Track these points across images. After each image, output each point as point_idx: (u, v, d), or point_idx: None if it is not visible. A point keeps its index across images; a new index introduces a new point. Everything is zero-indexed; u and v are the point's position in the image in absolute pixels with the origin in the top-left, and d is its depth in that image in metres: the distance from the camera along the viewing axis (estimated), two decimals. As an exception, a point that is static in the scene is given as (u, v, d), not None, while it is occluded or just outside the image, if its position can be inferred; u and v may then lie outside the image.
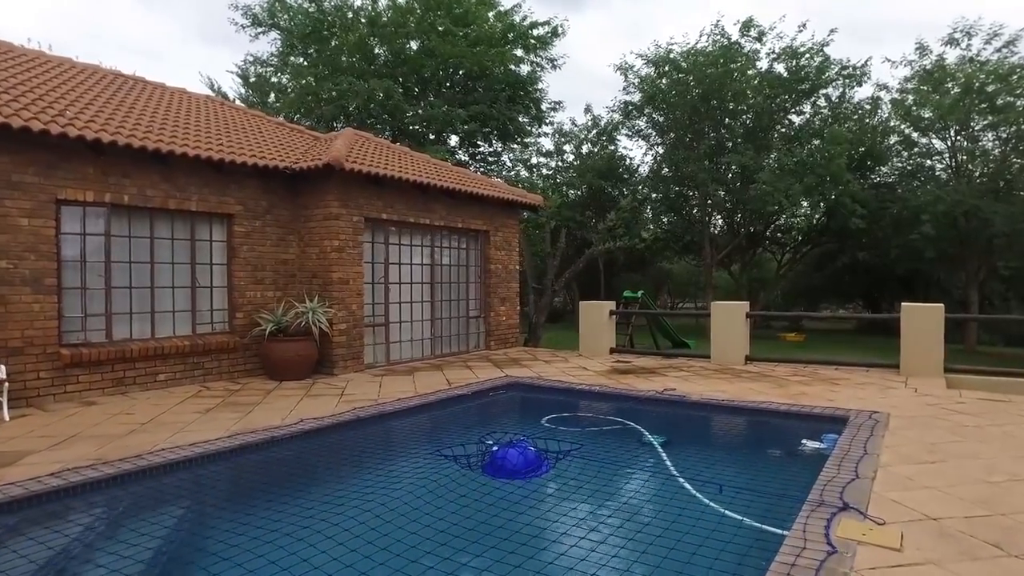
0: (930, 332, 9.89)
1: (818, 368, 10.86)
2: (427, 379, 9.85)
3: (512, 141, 25.95)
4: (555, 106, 25.14)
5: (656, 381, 9.55)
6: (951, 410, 7.36)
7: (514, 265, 14.68)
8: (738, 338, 11.47)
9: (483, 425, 7.42)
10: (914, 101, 23.46)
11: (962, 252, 24.13)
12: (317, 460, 6.16)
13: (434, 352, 12.65)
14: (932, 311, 9.97)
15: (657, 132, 27.73)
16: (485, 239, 13.89)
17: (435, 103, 21.53)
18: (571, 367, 11.17)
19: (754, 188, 22.66)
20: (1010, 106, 22.12)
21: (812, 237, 29.42)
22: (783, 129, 25.60)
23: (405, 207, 11.76)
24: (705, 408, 7.81)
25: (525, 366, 11.32)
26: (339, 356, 10.49)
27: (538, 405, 8.87)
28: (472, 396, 8.62)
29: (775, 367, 11.06)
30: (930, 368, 9.86)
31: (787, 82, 23.94)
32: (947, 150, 24.77)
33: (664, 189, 28.29)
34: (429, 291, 12.58)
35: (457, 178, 13.11)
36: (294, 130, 13.89)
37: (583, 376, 10.13)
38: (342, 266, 10.55)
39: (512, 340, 14.53)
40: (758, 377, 9.89)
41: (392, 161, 12.11)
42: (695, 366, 11.21)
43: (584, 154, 30.03)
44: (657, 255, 34.08)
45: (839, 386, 9.02)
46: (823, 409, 7.27)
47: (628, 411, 8.03)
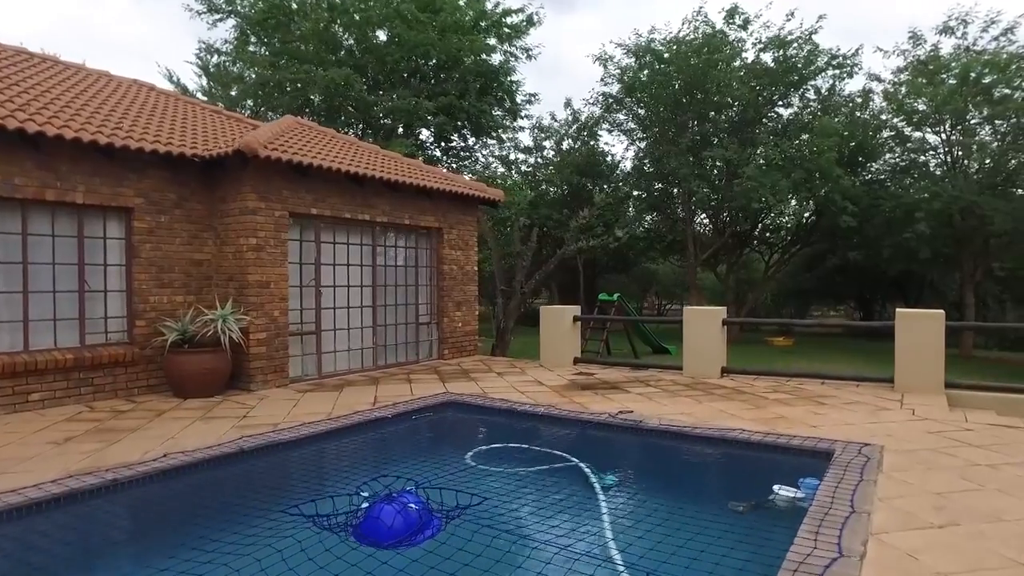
0: (929, 343, 8.66)
1: (803, 382, 9.61)
2: (354, 396, 8.56)
3: (486, 135, 24.64)
4: (530, 99, 23.88)
5: (616, 399, 8.29)
6: (957, 440, 6.11)
7: (472, 266, 13.40)
8: (714, 348, 10.21)
9: (390, 461, 6.13)
10: (907, 92, 22.24)
11: (958, 252, 22.98)
12: (147, 515, 4.85)
13: (377, 363, 11.35)
14: (931, 319, 8.74)
15: (639, 126, 26.48)
16: (438, 237, 12.60)
17: (402, 94, 20.22)
18: (525, 381, 9.89)
19: (738, 183, 21.41)
20: (1008, 98, 20.96)
21: (801, 236, 28.20)
22: (770, 123, 24.34)
23: (340, 201, 10.46)
24: (663, 437, 6.54)
25: (474, 379, 10.04)
26: (257, 369, 9.18)
27: (471, 431, 7.61)
28: (394, 419, 7.33)
29: (754, 381, 9.81)
30: (929, 384, 8.63)
31: (774, 73, 22.71)
32: (942, 144, 23.59)
33: (646, 186, 27.04)
34: (371, 295, 11.28)
35: (402, 170, 11.82)
36: (231, 118, 12.61)
37: (535, 393, 8.86)
38: (261, 267, 9.25)
39: (470, 348, 13.25)
40: (733, 394, 8.63)
41: (332, 151, 10.83)
42: (664, 380, 9.94)
43: (564, 150, 28.79)
44: (640, 255, 32.85)
45: (825, 406, 7.77)
46: (803, 440, 6.01)
47: (574, 439, 6.77)
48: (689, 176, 22.64)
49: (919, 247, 21.28)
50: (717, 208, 25.51)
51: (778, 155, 21.22)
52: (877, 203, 23.10)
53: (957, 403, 8.47)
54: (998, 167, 21.94)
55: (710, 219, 27.67)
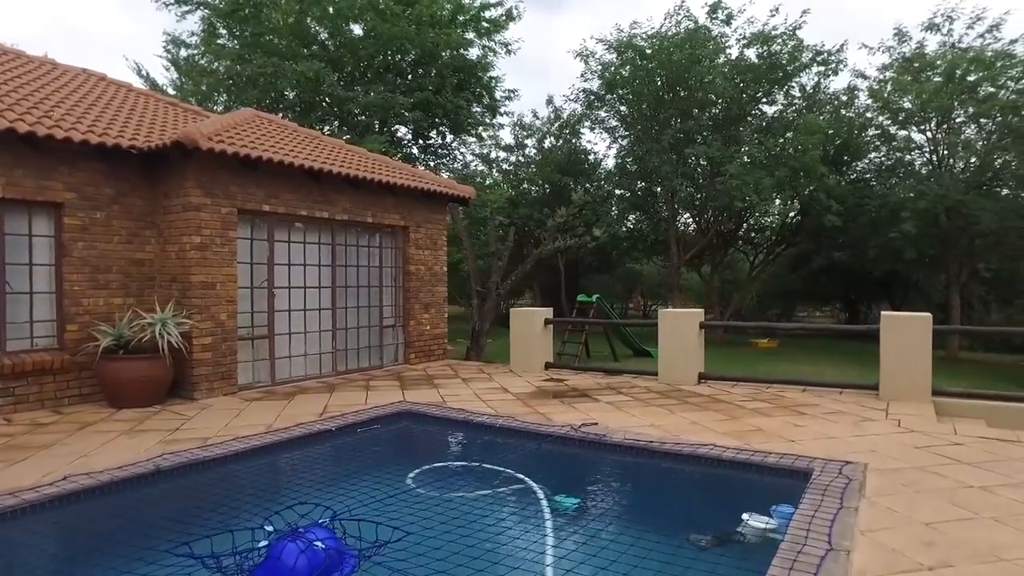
0: (916, 348, 8.15)
1: (783, 390, 9.08)
2: (303, 406, 7.95)
3: (465, 132, 24.04)
4: (510, 94, 23.27)
5: (583, 409, 7.72)
6: (947, 457, 5.59)
7: (441, 266, 12.81)
8: (690, 353, 9.67)
9: (320, 483, 5.53)
10: (893, 89, 21.81)
11: (943, 253, 22.61)
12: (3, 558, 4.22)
13: (337, 368, 10.74)
14: (918, 322, 8.23)
15: (621, 124, 25.96)
16: (404, 236, 12.01)
17: (376, 89, 19.57)
18: (490, 388, 9.32)
19: (720, 182, 20.93)
20: (993, 97, 20.60)
21: (786, 236, 27.78)
22: (754, 121, 23.85)
23: (296, 198, 9.84)
24: (627, 453, 5.97)
25: (437, 386, 9.46)
26: (202, 376, 8.55)
27: (421, 446, 7.04)
28: (339, 433, 6.73)
29: (732, 388, 9.27)
30: (915, 391, 8.12)
31: (758, 69, 22.23)
32: (928, 143, 23.22)
33: (629, 185, 26.52)
34: (330, 297, 10.67)
35: (365, 165, 11.21)
36: (188, 111, 11.96)
37: (498, 402, 8.28)
38: (206, 267, 8.62)
39: (438, 352, 12.66)
40: (708, 403, 8.09)
41: (290, 145, 10.23)
42: (638, 387, 9.39)
43: (546, 148, 28.24)
44: (624, 255, 32.35)
45: (805, 416, 7.24)
46: (779, 458, 5.46)
47: (532, 455, 6.21)
48: (671, 174, 22.12)
49: (905, 247, 20.89)
50: (701, 207, 25.01)
51: (762, 153, 20.75)
52: (862, 202, 22.70)
53: (945, 412, 7.98)
54: (984, 166, 21.58)
55: (694, 218, 27.18)
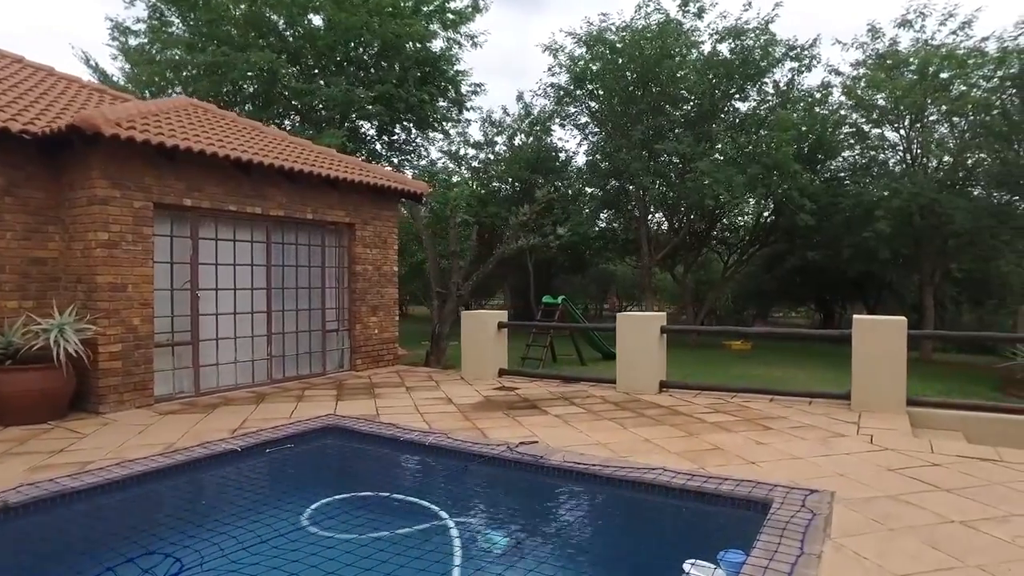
0: (890, 354, 7.53)
1: (749, 399, 8.43)
2: (219, 420, 7.15)
3: (431, 128, 23.27)
4: (476, 89, 22.51)
5: (528, 423, 7.01)
6: (924, 482, 4.94)
7: (391, 266, 12.04)
8: (651, 359, 8.98)
9: (196, 520, 4.73)
10: (867, 84, 21.33)
11: (917, 253, 22.23)
12: None
13: (273, 376, 9.93)
14: (892, 327, 7.61)
15: (591, 120, 25.29)
16: (349, 234, 11.22)
17: (335, 82, 18.73)
18: (434, 399, 8.57)
19: (690, 178, 20.33)
20: (965, 95, 20.20)
21: (760, 236, 27.29)
22: (727, 118, 23.27)
23: (223, 192, 9.03)
24: (566, 478, 5.26)
25: (376, 397, 8.69)
26: (109, 388, 7.71)
27: (335, 470, 6.29)
28: (245, 453, 5.94)
29: (695, 397, 8.60)
30: (889, 401, 7.50)
31: (730, 65, 21.65)
32: (901, 141, 22.81)
33: (600, 183, 25.86)
34: (265, 299, 9.86)
35: (306, 158, 10.41)
36: (117, 98, 11.06)
37: (437, 415, 7.54)
38: (115, 267, 7.78)
39: (388, 358, 11.88)
40: (667, 416, 7.41)
41: (222, 135, 9.42)
42: (594, 397, 8.69)
43: (516, 145, 27.52)
44: (596, 256, 31.73)
45: (769, 432, 6.58)
46: (736, 485, 4.77)
47: (459, 480, 5.48)
48: (642, 171, 21.48)
49: (879, 247, 20.45)
50: (673, 206, 24.41)
51: (734, 150, 20.17)
52: (836, 201, 22.25)
53: (921, 423, 7.38)
54: (957, 165, 21.22)
55: (666, 218, 26.59)
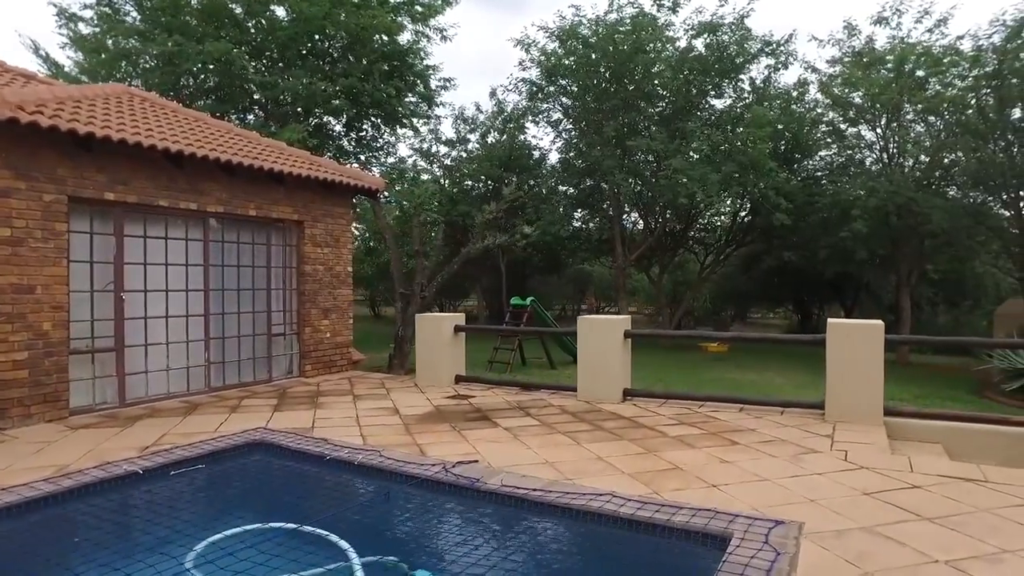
0: (866, 361, 7.01)
1: (718, 408, 7.88)
2: (136, 436, 6.47)
3: (399, 124, 22.57)
4: (446, 83, 21.84)
5: (474, 437, 6.40)
6: (904, 509, 4.40)
7: (344, 266, 11.39)
8: (614, 366, 8.41)
9: (65, 562, 4.07)
10: (843, 81, 20.94)
11: (893, 253, 21.92)
12: None
13: (211, 384, 9.23)
14: (868, 331, 7.09)
15: (564, 116, 24.72)
16: (298, 232, 10.55)
17: (296, 74, 17.97)
18: (379, 409, 7.94)
19: (663, 176, 19.83)
20: (941, 94, 19.90)
21: (736, 236, 26.87)
22: (702, 114, 22.75)
23: (153, 185, 8.33)
24: (504, 504, 4.66)
25: (319, 406, 8.05)
26: (12, 400, 6.98)
27: (245, 496, 5.61)
28: (148, 476, 5.26)
29: (660, 407, 8.04)
30: (865, 412, 6.98)
31: (706, 61, 21.16)
32: (878, 140, 22.47)
33: (575, 182, 25.29)
34: (203, 301, 9.16)
35: (246, 150, 9.71)
36: (43, 83, 10.28)
37: (377, 427, 6.92)
38: (20, 266, 7.05)
39: (341, 363, 11.22)
40: (626, 429, 6.83)
41: (159, 126, 8.74)
42: (552, 407, 8.10)
43: (489, 143, 26.88)
44: (572, 256, 31.19)
45: (736, 448, 6.02)
46: (692, 515, 4.19)
47: (384, 506, 4.86)
48: (615, 168, 20.92)
49: (856, 247, 20.08)
50: (648, 205, 23.88)
51: (708, 146, 19.68)
52: (813, 200, 21.87)
53: (899, 434, 6.88)
54: (933, 164, 20.91)
55: (641, 217, 26.08)
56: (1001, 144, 18.90)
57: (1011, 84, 17.46)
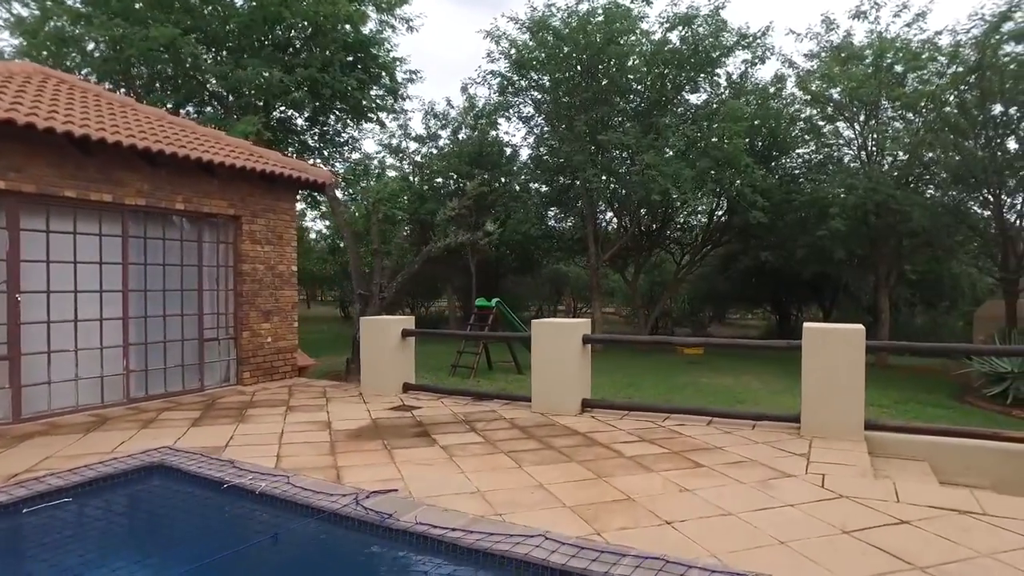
0: (846, 369, 6.32)
1: (684, 422, 7.16)
2: (16, 458, 5.63)
3: (365, 119, 21.72)
4: (412, 76, 21.01)
5: (404, 458, 5.63)
6: (891, 555, 3.68)
7: (289, 265, 10.55)
8: (571, 374, 7.65)
9: None
10: (821, 76, 20.30)
11: (872, 253, 21.39)
12: None
13: (131, 394, 8.36)
14: (847, 337, 6.40)
15: (536, 110, 23.93)
16: (234, 228, 9.71)
17: (250, 62, 17.05)
18: (310, 423, 7.14)
19: (635, 172, 19.11)
20: (920, 91, 19.38)
21: (713, 236, 26.23)
22: (677, 109, 22.06)
23: (57, 174, 7.46)
24: (415, 547, 3.89)
25: (244, 420, 7.24)
26: None
27: (125, 533, 4.77)
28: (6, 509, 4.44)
29: (621, 420, 7.30)
30: (845, 426, 6.30)
31: (681, 55, 20.47)
32: (857, 137, 21.91)
33: (546, 179, 24.51)
34: (121, 303, 8.29)
35: (171, 137, 8.85)
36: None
37: (299, 445, 6.12)
38: None
39: (285, 370, 10.39)
40: (579, 447, 6.08)
41: (73, 109, 7.89)
42: (502, 420, 7.34)
43: (461, 139, 26.05)
44: (546, 255, 30.45)
45: (700, 471, 5.29)
46: (636, 565, 3.44)
47: (272, 552, 4.06)
48: (586, 164, 20.16)
49: (833, 246, 19.51)
50: (622, 203, 23.14)
51: (681, 141, 18.98)
52: (790, 198, 21.27)
53: (881, 450, 6.21)
54: (912, 161, 20.38)
55: (615, 215, 25.36)
56: (982, 140, 18.39)
57: (991, 78, 16.94)
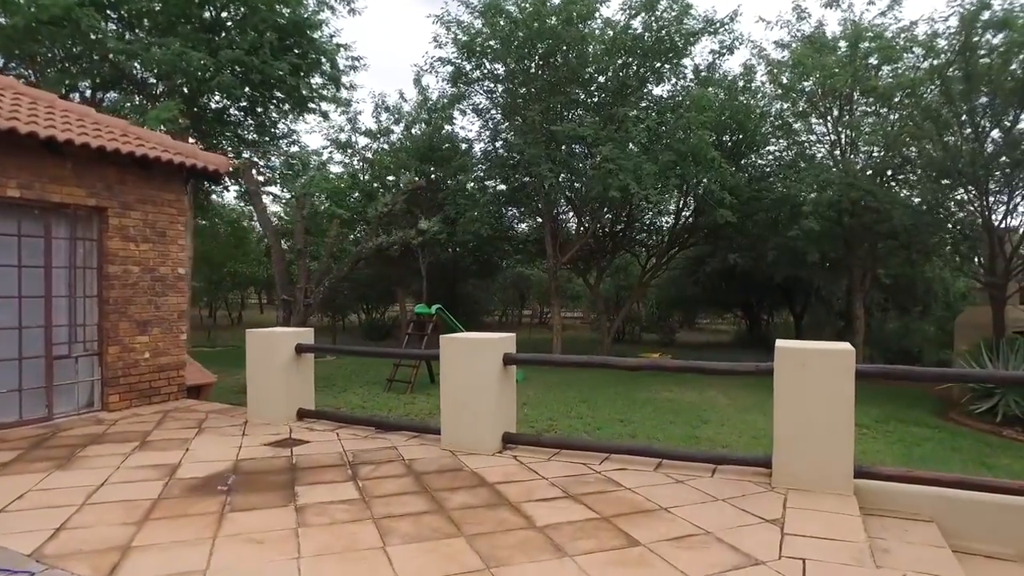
0: (830, 401, 4.91)
1: (627, 465, 5.68)
2: None
3: (306, 109, 20.05)
4: (355, 63, 19.40)
5: (232, 530, 4.09)
6: None
7: (174, 268, 8.91)
8: (488, 404, 6.12)
9: None
10: (794, 63, 19.00)
11: (847, 255, 20.25)
12: None
13: (-55, 429, 6.69)
14: (833, 360, 4.96)
15: (488, 100, 22.45)
16: (99, 222, 8.07)
17: (167, 41, 15.30)
18: (148, 467, 5.55)
19: (592, 165, 17.73)
20: (899, 78, 18.24)
21: (678, 237, 24.90)
22: (639, 102, 20.70)
23: None
24: None
25: (70, 464, 5.64)
26: None
27: None
28: None
29: (548, 462, 5.81)
30: (829, 474, 4.88)
31: (645, 43, 19.11)
32: (830, 132, 20.71)
33: (501, 175, 23.00)
34: (-69, 314, 6.62)
35: (19, 113, 7.21)
36: None
37: (110, 505, 4.56)
38: None
39: (168, 391, 8.75)
40: (478, 510, 4.57)
41: None
42: (398, 461, 5.82)
43: (415, 135, 24.47)
44: (505, 258, 28.98)
45: (631, 555, 3.81)
46: None
47: None
48: (539, 158, 18.69)
49: (807, 247, 18.29)
50: (583, 201, 21.70)
51: (643, 134, 17.59)
52: (760, 195, 20.03)
53: (876, 504, 4.83)
54: (887, 158, 19.24)
55: (576, 214, 23.91)
56: (967, 131, 17.10)
57: (975, 62, 15.63)
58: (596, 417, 12.38)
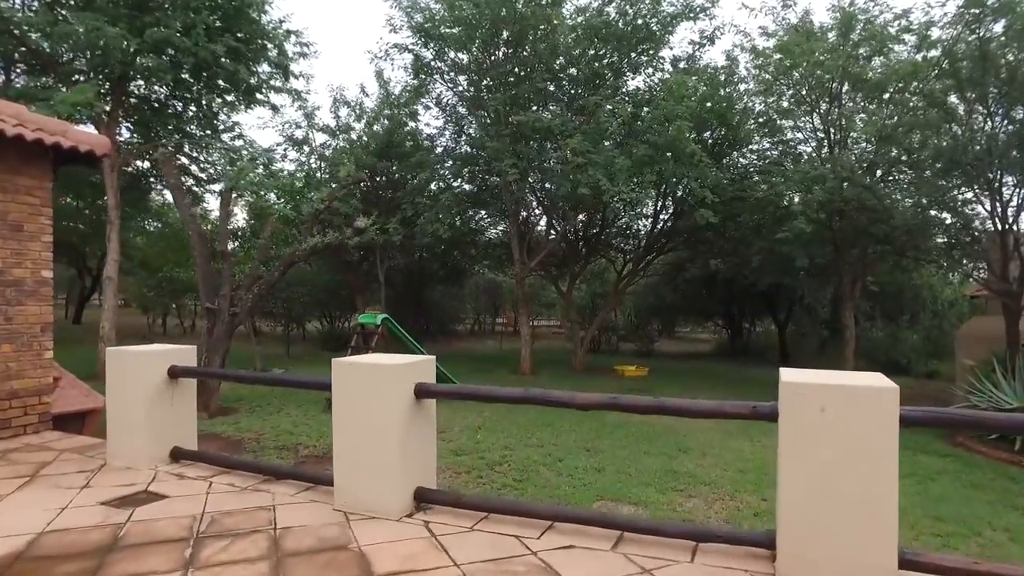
0: (864, 460, 3.39)
1: (574, 541, 4.15)
2: None
3: (254, 100, 18.44)
4: (304, 50, 17.80)
5: None
6: None
7: (33, 270, 7.27)
8: (392, 451, 4.52)
9: None
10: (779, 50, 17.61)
11: (836, 260, 18.94)
12: None
13: None
14: (865, 402, 3.43)
15: (452, 92, 20.92)
16: (-82, 210, 6.43)
17: (86, 17, 13.61)
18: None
19: (557, 159, 16.28)
20: (894, 68, 16.98)
21: (656, 241, 23.46)
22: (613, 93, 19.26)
23: None
24: None
25: None
26: None
27: None
28: None
29: (471, 530, 4.26)
30: (862, 564, 3.36)
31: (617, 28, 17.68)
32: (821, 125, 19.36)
33: (462, 172, 21.45)
34: None
35: None
36: None
37: None
38: None
39: (27, 421, 7.09)
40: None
41: None
42: (270, 532, 4.24)
43: (376, 132, 22.86)
44: (473, 262, 27.45)
45: None
46: None
47: None
48: (501, 153, 17.17)
49: (795, 252, 16.90)
50: (552, 200, 20.20)
51: (620, 129, 16.15)
52: (743, 194, 18.64)
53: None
54: (880, 152, 17.95)
55: (546, 215, 22.41)
56: (977, 117, 15.49)
57: (994, 36, 14.06)
58: (559, 445, 10.85)
